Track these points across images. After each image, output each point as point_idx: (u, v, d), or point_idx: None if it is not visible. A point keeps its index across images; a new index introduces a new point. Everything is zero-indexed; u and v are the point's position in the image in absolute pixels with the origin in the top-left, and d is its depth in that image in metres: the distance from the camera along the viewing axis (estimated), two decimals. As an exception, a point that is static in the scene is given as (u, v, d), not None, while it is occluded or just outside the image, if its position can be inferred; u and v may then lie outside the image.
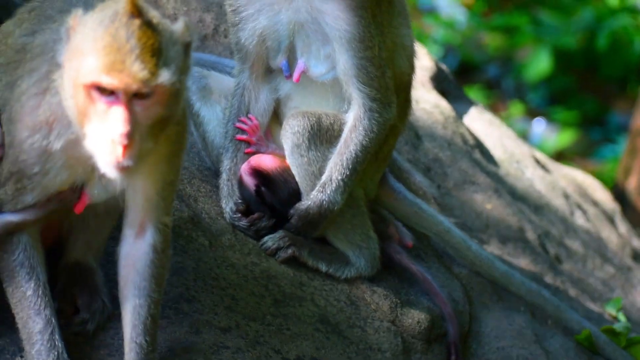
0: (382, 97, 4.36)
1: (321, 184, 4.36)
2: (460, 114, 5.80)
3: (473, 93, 9.77)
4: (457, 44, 10.48)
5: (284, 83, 4.48)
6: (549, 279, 5.10)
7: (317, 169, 4.37)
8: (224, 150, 4.50)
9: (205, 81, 4.61)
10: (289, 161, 4.39)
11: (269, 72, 4.50)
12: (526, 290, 4.80)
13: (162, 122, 3.43)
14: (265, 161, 4.43)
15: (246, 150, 4.47)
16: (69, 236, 3.89)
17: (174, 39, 3.42)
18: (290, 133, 4.36)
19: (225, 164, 4.48)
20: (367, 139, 4.37)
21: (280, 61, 4.43)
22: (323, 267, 4.43)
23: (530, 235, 5.26)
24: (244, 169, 4.41)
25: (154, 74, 3.32)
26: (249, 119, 4.49)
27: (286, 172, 4.39)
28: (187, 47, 3.46)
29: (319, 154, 4.36)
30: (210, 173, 4.57)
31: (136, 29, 3.33)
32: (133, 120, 3.33)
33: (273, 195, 4.39)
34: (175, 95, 3.42)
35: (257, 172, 4.41)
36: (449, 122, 5.53)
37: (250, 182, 4.40)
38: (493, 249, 5.05)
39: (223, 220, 4.39)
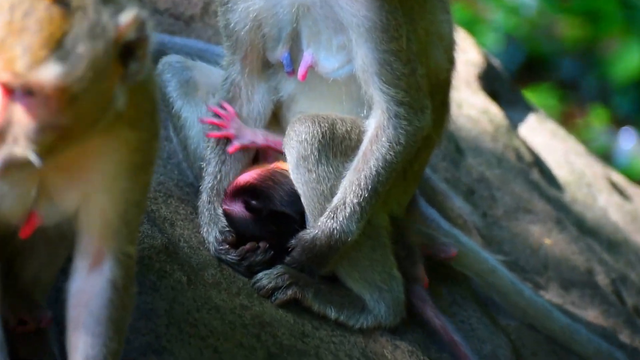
0: (411, 100, 4.23)
1: (332, 208, 4.21)
2: (514, 123, 5.76)
3: (541, 95, 9.89)
4: (523, 34, 10.58)
5: (287, 81, 4.34)
6: (624, 336, 4.99)
7: (328, 188, 4.23)
8: (205, 164, 4.37)
9: (190, 74, 4.50)
10: (293, 177, 4.24)
11: (267, 67, 4.37)
12: (594, 350, 4.74)
13: (67, 131, 3.25)
14: (242, 178, 4.34)
15: (229, 150, 4.34)
16: (12, 268, 3.77)
17: (96, 33, 3.24)
18: (296, 142, 4.21)
19: (207, 182, 4.35)
20: (391, 153, 4.23)
21: (280, 53, 4.28)
22: (332, 314, 4.29)
23: (602, 279, 5.18)
24: (224, 202, 4.32)
25: (35, 65, 3.16)
26: (222, 107, 4.36)
27: (273, 174, 4.33)
28: (126, 48, 3.29)
29: (330, 170, 4.22)
30: (192, 190, 4.47)
31: (41, 8, 3.20)
32: (7, 118, 3.20)
33: (267, 202, 4.30)
34: (78, 103, 3.25)
35: (238, 192, 4.32)
36: (499, 132, 5.52)
37: (237, 207, 4.31)
38: (552, 295, 4.96)
39: (206, 251, 4.29)
